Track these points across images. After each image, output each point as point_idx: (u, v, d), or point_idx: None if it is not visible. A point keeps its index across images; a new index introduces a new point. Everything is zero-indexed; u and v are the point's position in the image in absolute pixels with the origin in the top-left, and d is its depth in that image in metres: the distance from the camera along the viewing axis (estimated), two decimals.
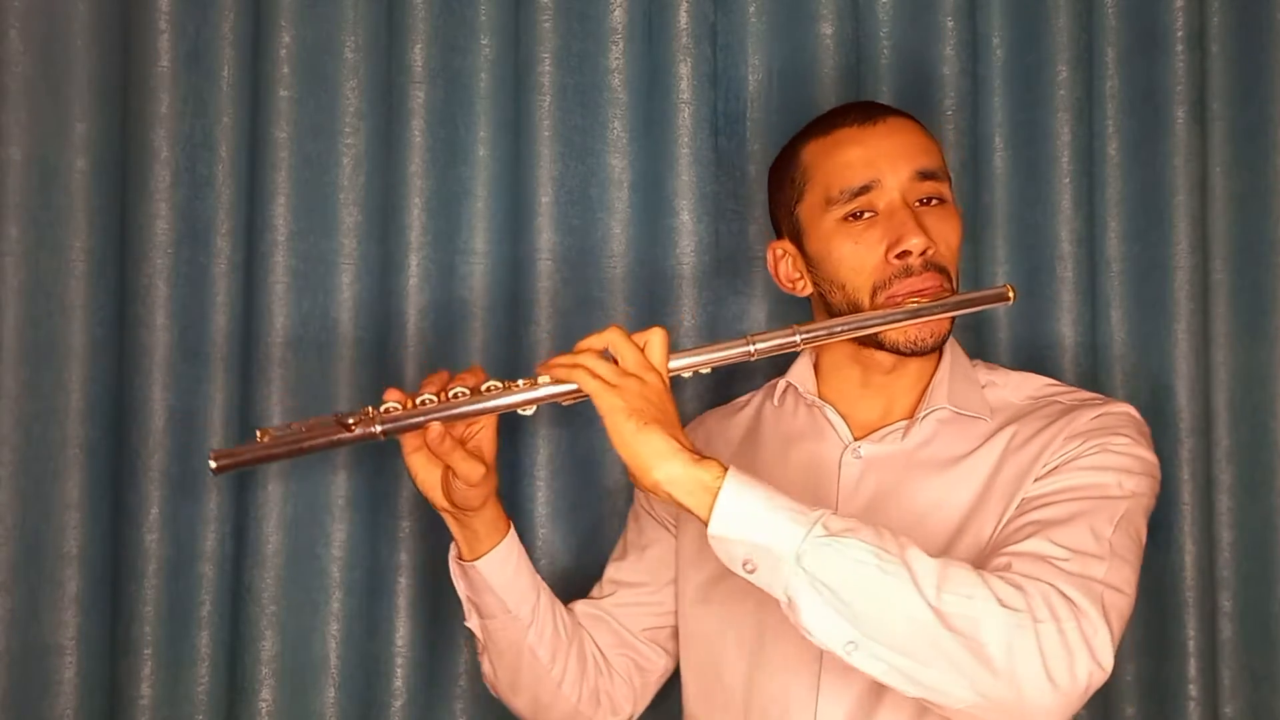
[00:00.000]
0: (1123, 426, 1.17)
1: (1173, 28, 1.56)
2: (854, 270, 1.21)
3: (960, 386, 1.25)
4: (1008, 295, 1.21)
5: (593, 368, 1.09)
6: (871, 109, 1.26)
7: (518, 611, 1.26)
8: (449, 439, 1.14)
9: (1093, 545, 1.06)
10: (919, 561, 0.99)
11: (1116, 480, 1.12)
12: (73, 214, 1.44)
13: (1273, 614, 1.54)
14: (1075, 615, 0.99)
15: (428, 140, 1.52)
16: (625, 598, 1.38)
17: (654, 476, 1.03)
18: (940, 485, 1.20)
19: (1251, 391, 1.56)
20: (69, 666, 1.43)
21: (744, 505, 1.01)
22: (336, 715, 1.49)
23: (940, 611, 0.97)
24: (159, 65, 1.48)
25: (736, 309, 1.57)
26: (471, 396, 1.13)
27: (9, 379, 1.42)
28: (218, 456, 1.11)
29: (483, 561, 1.24)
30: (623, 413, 1.05)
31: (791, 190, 1.28)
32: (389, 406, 1.14)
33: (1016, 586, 0.99)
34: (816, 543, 0.99)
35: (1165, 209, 1.55)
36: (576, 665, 1.32)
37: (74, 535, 1.43)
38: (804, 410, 1.32)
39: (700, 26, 1.55)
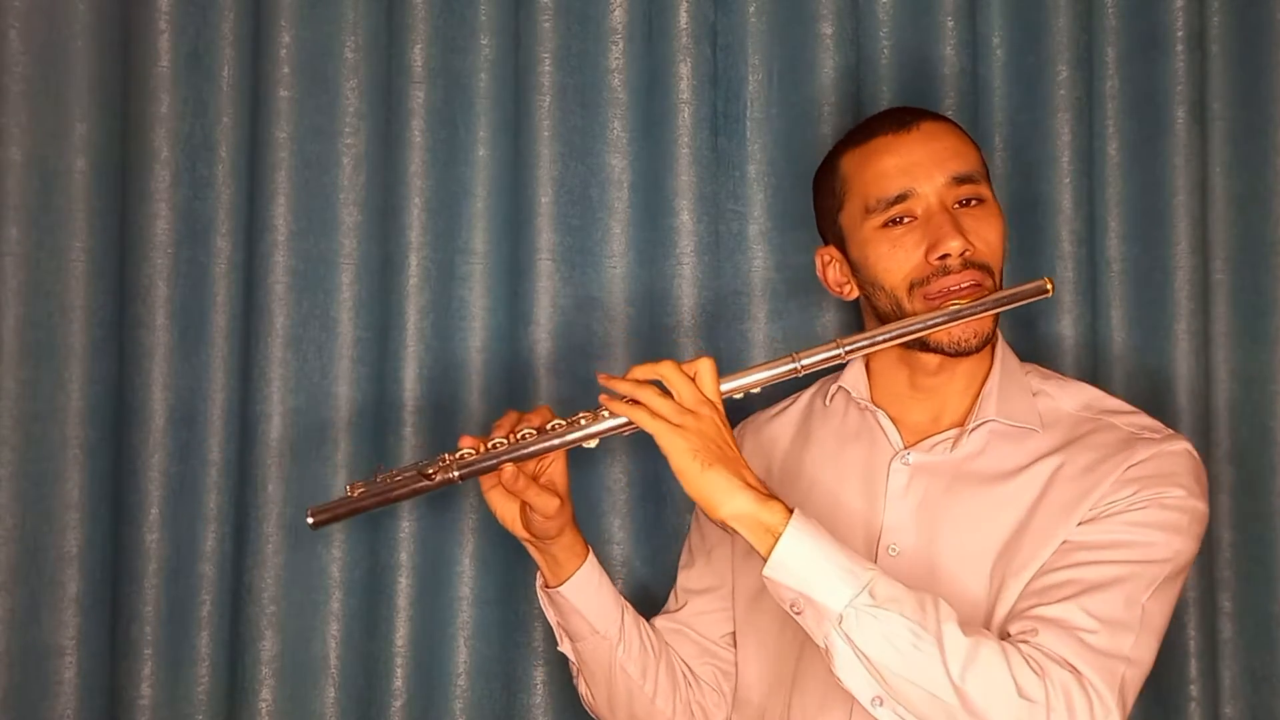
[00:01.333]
0: (1180, 474, 1.16)
1: (1173, 28, 1.55)
2: (891, 271, 1.23)
3: (1011, 396, 1.25)
4: (1047, 289, 1.20)
5: (653, 407, 1.13)
6: (905, 115, 1.27)
7: (605, 631, 1.30)
8: (523, 478, 1.19)
9: (1125, 615, 1.08)
10: (951, 640, 1.03)
11: (1164, 540, 1.12)
12: (73, 215, 1.45)
13: (1273, 614, 1.54)
14: (1089, 705, 1.03)
15: (428, 140, 1.52)
16: (700, 605, 1.39)
17: (720, 514, 1.08)
18: (986, 501, 1.20)
19: (1251, 392, 1.56)
20: (69, 667, 1.43)
21: (800, 555, 1.06)
22: (336, 715, 1.50)
23: (962, 692, 1.02)
24: (159, 65, 1.48)
25: (737, 309, 1.57)
26: (539, 436, 1.19)
27: (9, 379, 1.42)
28: (315, 513, 1.21)
29: (566, 586, 1.28)
30: (688, 454, 1.09)
31: (833, 200, 1.30)
32: (464, 452, 1.20)
33: (1038, 673, 1.03)
34: (859, 609, 1.04)
35: (1165, 209, 1.55)
36: (667, 680, 1.34)
37: (74, 536, 1.44)
38: (855, 413, 1.33)
39: (700, 26, 1.55)
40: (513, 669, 1.52)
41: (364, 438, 1.52)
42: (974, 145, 1.28)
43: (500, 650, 1.52)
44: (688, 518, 1.53)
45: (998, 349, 1.28)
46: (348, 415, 1.51)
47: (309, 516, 1.21)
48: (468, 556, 1.52)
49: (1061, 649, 1.05)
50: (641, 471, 1.55)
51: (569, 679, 1.42)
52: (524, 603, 1.52)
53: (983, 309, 1.19)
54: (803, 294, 1.55)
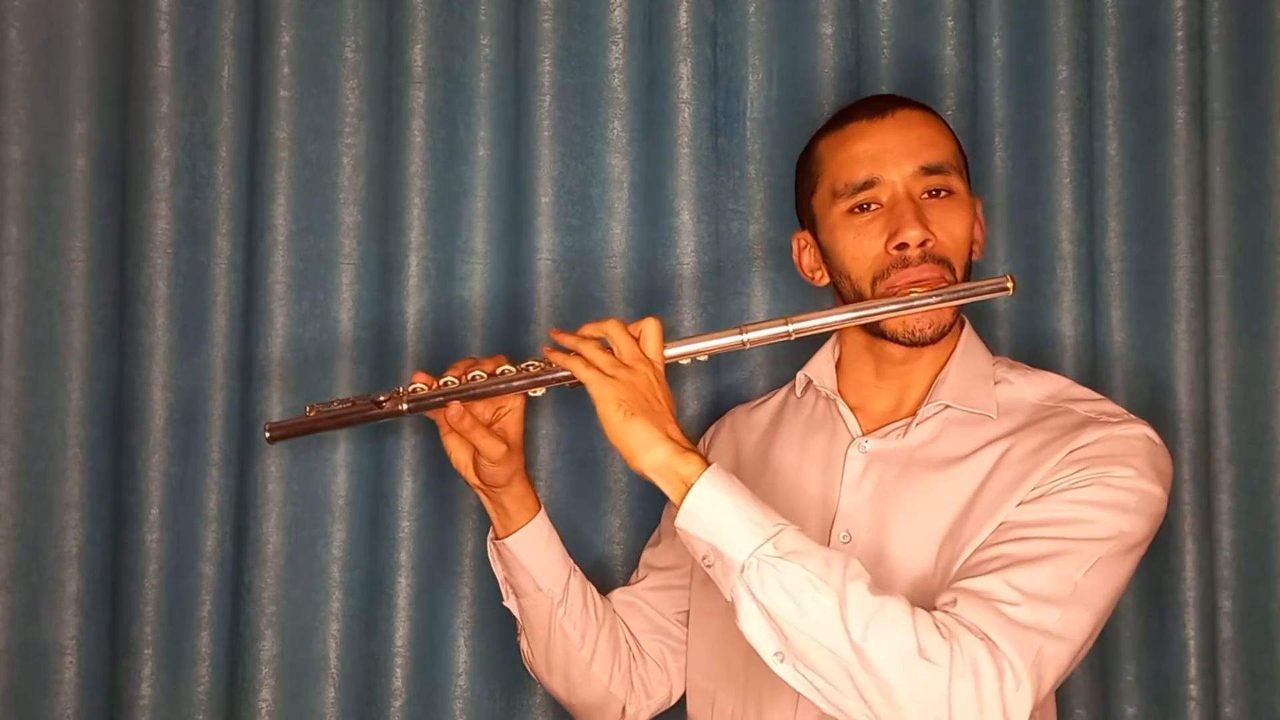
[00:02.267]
0: (1131, 455, 1.13)
1: (1173, 28, 1.56)
2: (855, 260, 1.23)
3: (967, 382, 1.25)
4: (1007, 285, 1.19)
5: (590, 357, 1.16)
6: (883, 102, 1.27)
7: (548, 589, 1.32)
8: (469, 418, 1.23)
9: (1052, 589, 1.05)
10: (856, 597, 1.02)
11: (1106, 517, 1.10)
12: (73, 214, 1.45)
13: (1273, 614, 1.54)
14: (998, 672, 1.00)
15: (428, 140, 1.52)
16: (657, 581, 1.41)
17: (639, 464, 1.11)
18: (935, 486, 1.20)
19: (1251, 391, 1.56)
20: (69, 666, 1.43)
21: (710, 505, 1.07)
22: (336, 715, 1.50)
23: (860, 650, 1.01)
24: (159, 65, 1.48)
25: (736, 309, 1.57)
26: (488, 379, 1.22)
27: (9, 378, 1.42)
28: (272, 428, 1.26)
29: (514, 539, 1.30)
30: (613, 402, 1.12)
31: (808, 182, 1.31)
32: (415, 387, 1.23)
33: (946, 637, 1.01)
34: (762, 560, 1.04)
35: (1165, 209, 1.55)
36: (608, 647, 1.35)
37: (74, 535, 1.44)
38: (822, 403, 1.34)
39: (700, 26, 1.55)
40: (513, 669, 1.52)
41: (364, 436, 1.52)
42: (951, 136, 1.27)
43: (500, 650, 1.52)
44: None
45: (961, 338, 1.28)
46: None
47: (266, 431, 1.26)
48: (468, 556, 1.52)
49: (977, 619, 1.03)
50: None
51: None
52: None
53: (938, 300, 1.19)
54: (802, 293, 1.55)
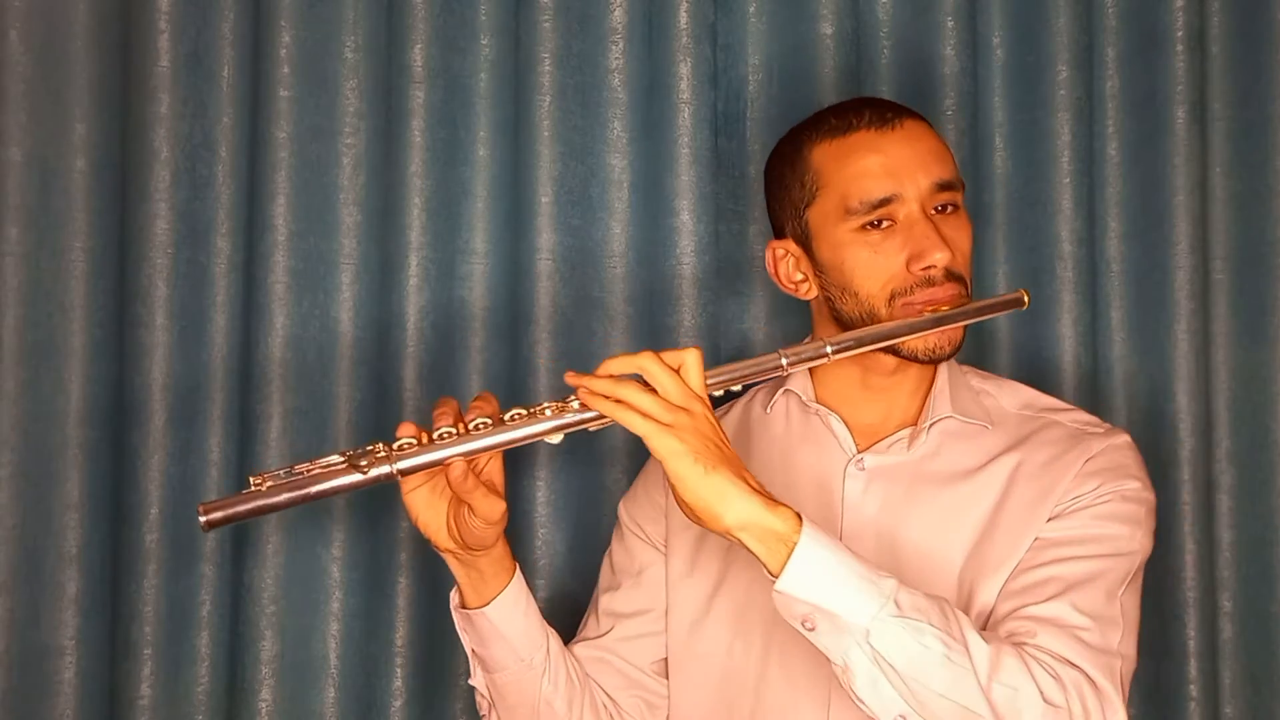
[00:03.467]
0: (1131, 465, 1.17)
1: (1173, 28, 1.56)
2: (870, 278, 1.18)
3: (961, 393, 1.23)
4: (1023, 300, 1.21)
5: (640, 405, 1.01)
6: (884, 110, 1.21)
7: (530, 659, 1.17)
8: (472, 476, 1.04)
9: (1108, 610, 1.08)
10: (977, 648, 0.99)
11: (1129, 533, 1.13)
12: (73, 215, 1.44)
13: (1273, 615, 1.54)
14: (1100, 703, 1.02)
15: (428, 140, 1.52)
16: (627, 630, 1.28)
17: (725, 523, 0.98)
18: (948, 503, 1.17)
19: (1251, 392, 1.56)
20: (69, 667, 1.43)
21: (817, 567, 0.98)
22: (336, 715, 1.50)
23: (992, 701, 0.98)
24: (159, 66, 1.48)
25: (736, 309, 1.57)
26: (494, 427, 1.04)
27: (9, 379, 1.42)
28: (207, 510, 0.99)
29: (492, 607, 1.14)
30: (687, 458, 0.98)
31: (801, 192, 1.23)
32: (404, 443, 1.04)
33: (1055, 677, 1.01)
34: (887, 621, 0.97)
35: (1165, 209, 1.55)
36: (591, 714, 1.22)
37: (74, 536, 1.43)
38: (800, 417, 1.27)
39: (700, 26, 1.55)
40: None
41: (364, 438, 1.52)
42: (949, 148, 1.24)
43: None
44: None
45: None
46: (348, 415, 1.51)
47: (200, 515, 0.99)
48: None
49: (1063, 649, 1.03)
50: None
51: None
52: None
53: (964, 317, 1.17)
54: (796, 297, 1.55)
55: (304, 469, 1.01)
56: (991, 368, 1.55)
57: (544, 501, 1.53)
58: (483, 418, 1.04)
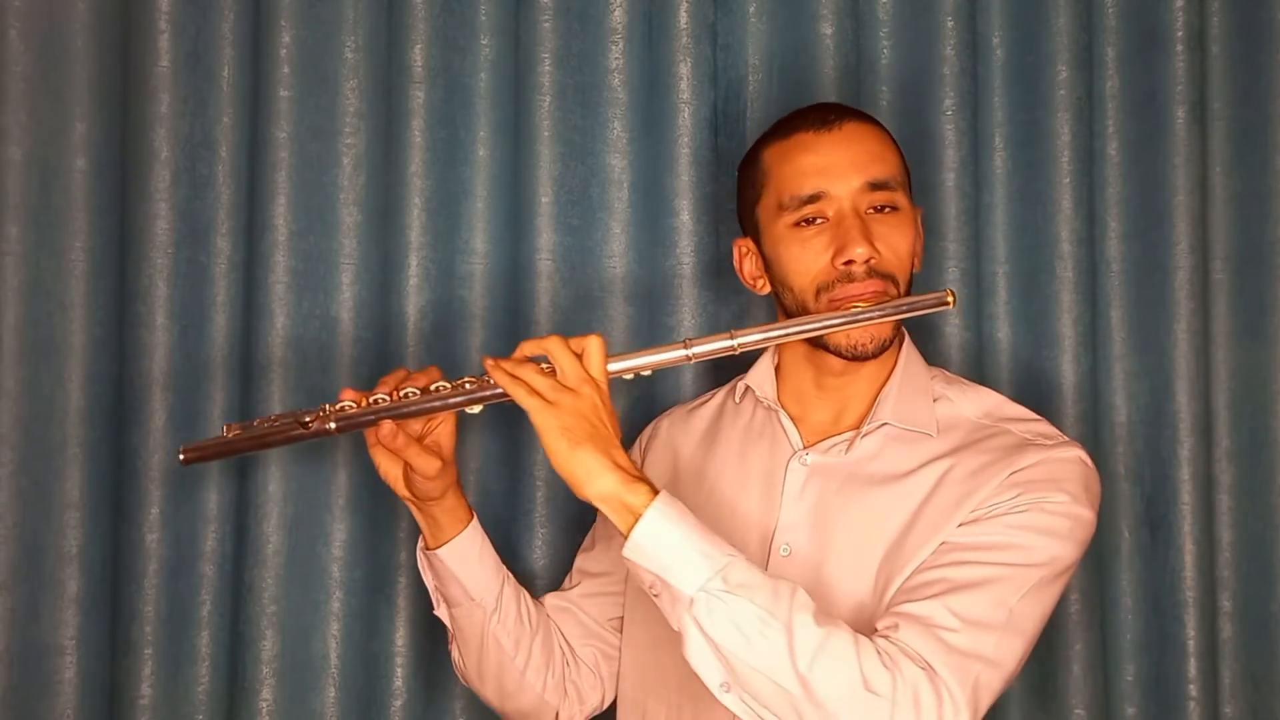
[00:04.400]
0: (1066, 479, 1.15)
1: (1173, 28, 1.56)
2: (799, 273, 1.23)
3: (909, 399, 1.25)
4: (947, 300, 1.18)
5: (530, 382, 1.12)
6: (829, 113, 1.26)
7: (481, 599, 1.29)
8: (402, 435, 1.18)
9: (990, 616, 1.07)
10: (802, 630, 1.03)
11: (1042, 544, 1.11)
12: (73, 214, 1.44)
13: (1273, 614, 1.54)
14: (938, 701, 1.02)
15: (428, 140, 1.52)
16: (591, 587, 1.40)
17: (585, 493, 1.08)
18: (875, 503, 1.20)
19: (1251, 391, 1.56)
20: (69, 666, 1.43)
21: (658, 537, 1.05)
22: (336, 715, 1.49)
23: (807, 682, 1.01)
24: (159, 65, 1.48)
25: (736, 308, 1.57)
26: (421, 397, 1.17)
27: (9, 378, 1.42)
28: (185, 450, 1.19)
29: (445, 550, 1.28)
30: (556, 431, 1.08)
31: (752, 191, 1.30)
32: (344, 405, 1.19)
33: (889, 668, 1.02)
34: (710, 594, 1.03)
35: (1165, 209, 1.56)
36: (541, 654, 1.34)
37: (74, 535, 1.43)
38: (762, 412, 1.33)
39: (700, 26, 1.55)
40: None
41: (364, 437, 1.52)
42: (896, 151, 1.27)
43: None
44: None
45: (902, 353, 1.28)
46: None
47: (180, 454, 1.20)
48: None
49: (919, 645, 1.04)
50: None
51: None
52: None
53: (881, 315, 1.18)
54: None
55: (262, 422, 1.20)
56: (990, 368, 1.55)
57: (543, 501, 1.53)
58: (414, 388, 1.18)
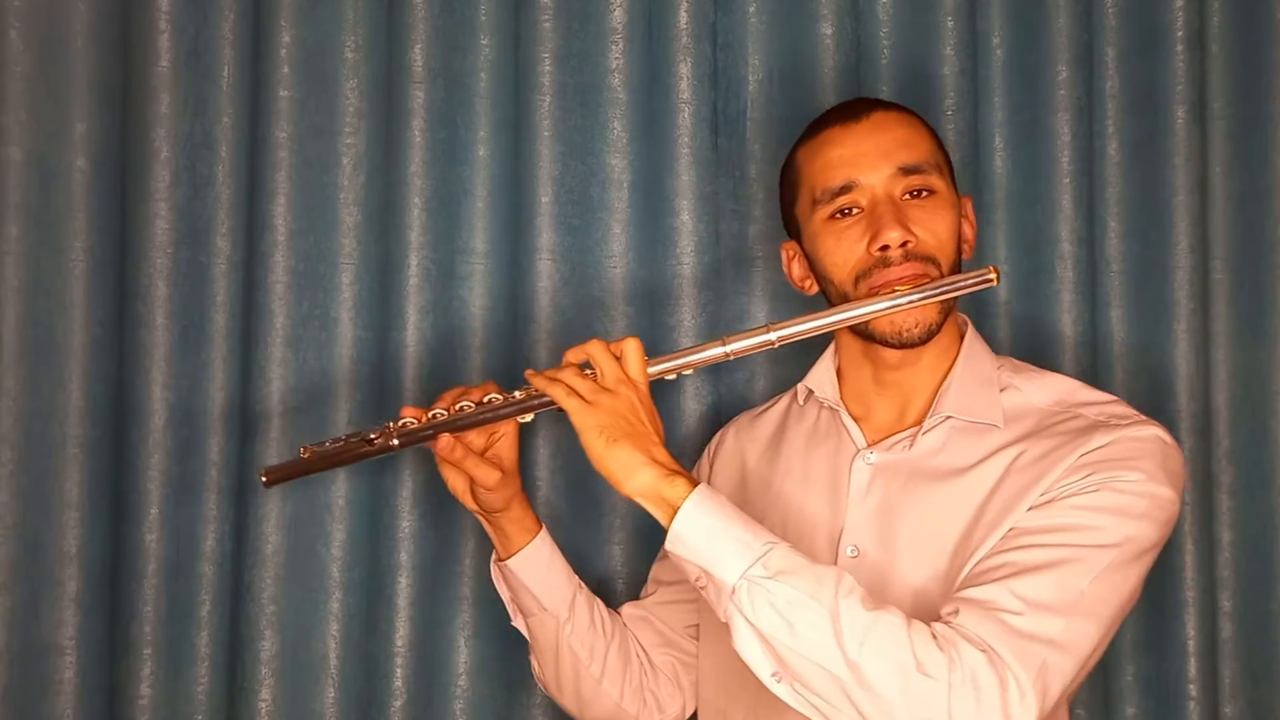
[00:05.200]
0: (1141, 457, 1.10)
1: (1173, 28, 1.56)
2: (837, 265, 1.22)
3: (971, 391, 1.22)
4: (990, 276, 1.15)
5: (570, 384, 1.14)
6: (857, 106, 1.26)
7: (553, 608, 1.31)
8: (460, 448, 1.22)
9: (1057, 598, 1.03)
10: (850, 614, 1.00)
11: (1113, 524, 1.07)
12: (73, 214, 1.44)
13: (1273, 614, 1.54)
14: (1000, 684, 0.98)
15: (428, 140, 1.52)
16: (665, 596, 1.40)
17: (625, 489, 1.09)
18: (941, 498, 1.17)
19: (1251, 391, 1.56)
20: (69, 666, 1.43)
21: (697, 527, 1.05)
22: (336, 715, 1.50)
23: (857, 667, 0.99)
24: (159, 65, 1.48)
25: (737, 308, 1.57)
26: (475, 409, 1.21)
27: (9, 378, 1.42)
28: (267, 472, 1.27)
29: (514, 560, 1.30)
30: (594, 430, 1.10)
31: (790, 193, 1.30)
32: (405, 421, 1.23)
33: (944, 648, 0.99)
34: (752, 581, 1.02)
35: (1165, 209, 1.56)
36: (617, 662, 1.35)
37: (74, 535, 1.43)
38: (826, 413, 1.31)
39: (700, 26, 1.55)
40: (513, 669, 1.52)
41: None
42: (930, 135, 1.26)
43: (500, 650, 1.52)
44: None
45: (965, 342, 1.26)
46: (348, 415, 1.51)
47: (261, 476, 1.26)
48: (468, 556, 1.52)
49: (979, 629, 1.01)
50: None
51: None
52: None
53: (921, 297, 1.16)
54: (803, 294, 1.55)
55: (333, 442, 1.26)
56: None
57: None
58: (469, 401, 1.22)
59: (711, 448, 1.45)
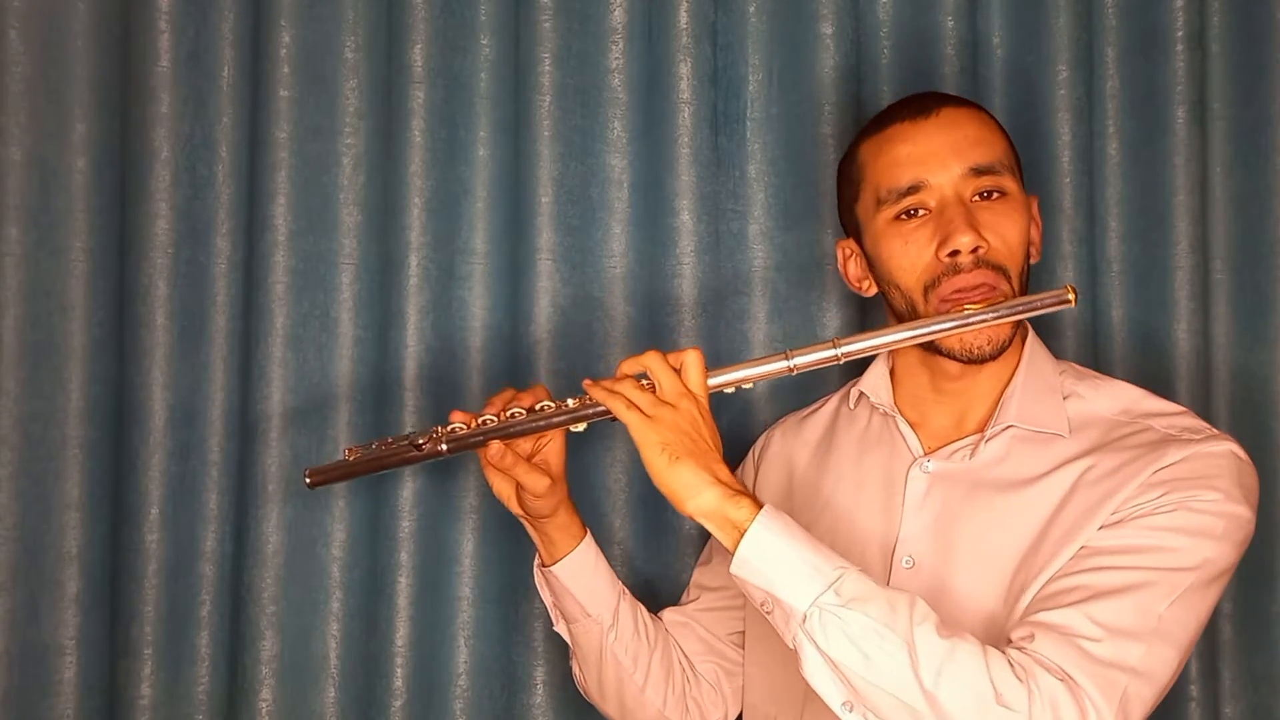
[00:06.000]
0: (1217, 476, 1.07)
1: (1173, 28, 1.56)
2: (904, 270, 1.18)
3: (1035, 399, 1.18)
4: (1068, 298, 1.11)
5: (630, 397, 1.11)
6: (927, 101, 1.21)
7: (597, 615, 1.29)
8: (510, 454, 1.19)
9: (1135, 624, 1.00)
10: (925, 642, 0.98)
11: (1191, 545, 1.03)
12: (73, 214, 1.44)
13: (1273, 616, 1.54)
14: (1080, 714, 0.96)
15: (428, 140, 1.52)
16: (709, 602, 1.38)
17: (687, 509, 1.06)
18: (1005, 509, 1.13)
19: (1252, 392, 1.56)
20: (69, 667, 1.43)
21: (765, 552, 1.02)
22: (336, 715, 1.50)
23: (934, 698, 0.96)
24: (159, 65, 1.48)
25: (737, 308, 1.57)
26: (526, 417, 1.19)
27: (9, 379, 1.42)
28: (312, 474, 1.25)
29: (559, 566, 1.28)
30: (657, 446, 1.07)
31: (850, 189, 1.26)
32: (454, 427, 1.21)
33: (1022, 679, 0.97)
34: (824, 609, 0.99)
35: (1165, 209, 1.55)
36: (660, 670, 1.33)
37: (74, 535, 1.43)
38: (878, 418, 1.28)
39: (700, 26, 1.55)
40: (513, 669, 1.52)
41: (364, 438, 1.52)
42: (1002, 134, 1.22)
43: (500, 650, 1.52)
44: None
45: (1026, 348, 1.21)
46: (348, 415, 1.51)
47: (306, 477, 1.25)
48: (468, 556, 1.52)
49: (1057, 656, 0.98)
50: (641, 472, 1.54)
51: (569, 679, 1.43)
52: (524, 603, 1.52)
53: (995, 317, 1.12)
54: (803, 294, 1.55)
55: (380, 445, 1.24)
56: None
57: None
58: (520, 407, 1.19)
59: (756, 450, 1.42)
